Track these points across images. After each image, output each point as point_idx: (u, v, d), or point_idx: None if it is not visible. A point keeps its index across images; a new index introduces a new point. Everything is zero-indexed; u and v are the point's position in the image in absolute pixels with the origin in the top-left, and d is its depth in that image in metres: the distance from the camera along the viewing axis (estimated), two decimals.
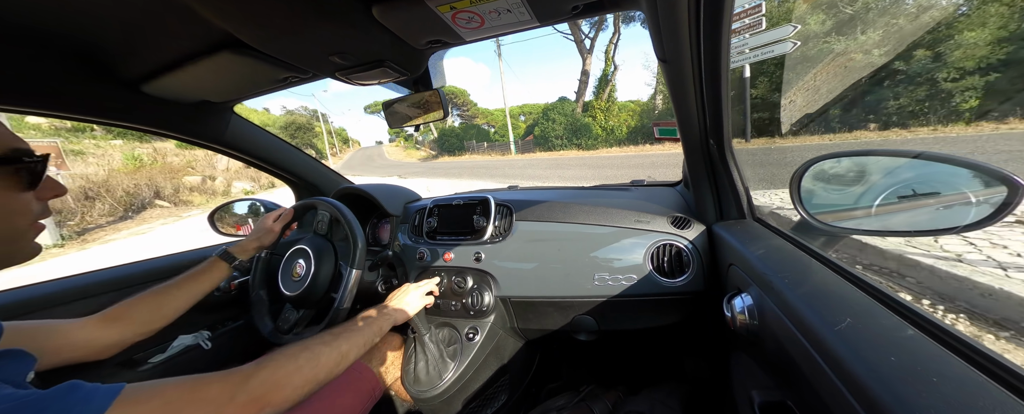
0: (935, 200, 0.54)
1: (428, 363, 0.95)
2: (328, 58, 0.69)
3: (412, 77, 0.83)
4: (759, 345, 0.55)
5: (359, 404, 0.82)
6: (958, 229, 0.51)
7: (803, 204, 0.69)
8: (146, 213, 9.99)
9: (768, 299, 0.52)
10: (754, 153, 6.82)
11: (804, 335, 0.41)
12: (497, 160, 20.35)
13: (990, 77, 7.27)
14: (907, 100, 8.05)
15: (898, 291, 1.87)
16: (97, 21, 0.60)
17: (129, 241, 7.60)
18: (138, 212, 9.98)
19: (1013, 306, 1.55)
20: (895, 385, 0.29)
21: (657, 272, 0.89)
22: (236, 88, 0.90)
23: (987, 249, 2.04)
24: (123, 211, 9.69)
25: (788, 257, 0.60)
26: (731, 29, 0.57)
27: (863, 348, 0.34)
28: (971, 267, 1.85)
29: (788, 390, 0.47)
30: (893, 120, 7.93)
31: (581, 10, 0.62)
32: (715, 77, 0.65)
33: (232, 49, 0.68)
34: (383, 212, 1.23)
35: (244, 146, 1.15)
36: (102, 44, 0.67)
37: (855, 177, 0.68)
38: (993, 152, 4.67)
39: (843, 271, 0.51)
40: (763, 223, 0.81)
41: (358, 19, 0.59)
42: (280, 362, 0.54)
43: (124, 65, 0.75)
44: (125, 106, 0.85)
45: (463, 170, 15.79)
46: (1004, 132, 5.94)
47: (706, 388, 1.14)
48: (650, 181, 1.38)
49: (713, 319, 0.89)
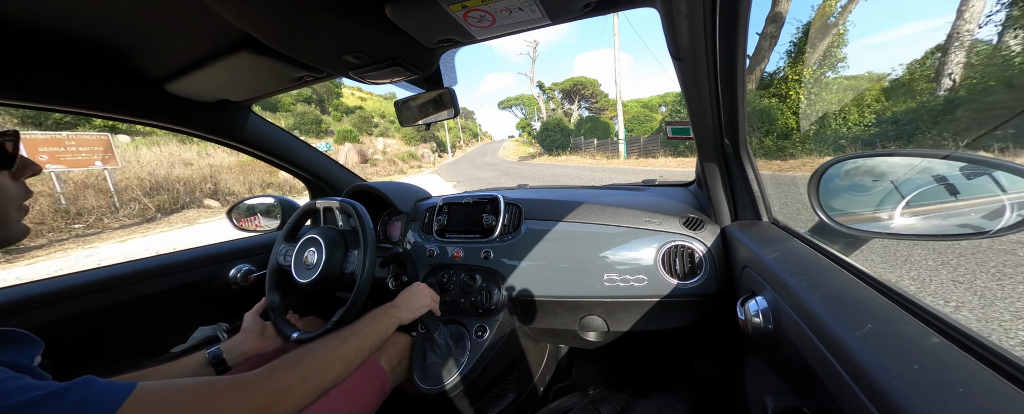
0: (965, 203, 0.52)
1: (437, 360, 0.96)
2: (342, 57, 0.70)
3: (423, 76, 0.84)
4: (773, 349, 0.54)
5: (369, 399, 0.83)
6: (991, 233, 0.48)
7: (822, 206, 0.66)
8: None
9: (784, 303, 0.51)
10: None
11: (822, 340, 0.40)
12: (580, 168, 14.40)
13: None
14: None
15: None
16: (122, 23, 0.63)
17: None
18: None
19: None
20: (919, 394, 0.28)
21: (669, 274, 0.88)
22: (254, 87, 0.92)
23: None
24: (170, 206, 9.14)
25: (806, 260, 0.58)
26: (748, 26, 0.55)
27: (885, 355, 0.33)
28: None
29: (803, 396, 0.46)
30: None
31: (593, 7, 0.62)
32: (731, 75, 0.63)
33: (250, 49, 0.70)
34: (394, 210, 1.25)
35: (261, 144, 1.18)
36: (128, 45, 0.70)
37: (878, 178, 0.65)
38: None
39: (864, 275, 0.49)
40: (779, 225, 0.79)
41: (371, 19, 0.60)
42: (288, 370, 0.54)
43: (149, 65, 0.78)
44: (150, 104, 0.89)
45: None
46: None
47: (716, 392, 1.11)
48: (662, 181, 1.36)
49: (726, 322, 0.87)
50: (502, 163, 23.17)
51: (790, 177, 6.37)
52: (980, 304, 1.95)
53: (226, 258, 1.18)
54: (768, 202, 0.83)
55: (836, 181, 0.67)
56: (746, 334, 0.58)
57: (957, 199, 0.52)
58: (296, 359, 0.57)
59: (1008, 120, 5.32)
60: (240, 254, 1.22)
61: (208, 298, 0.85)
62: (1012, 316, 1.81)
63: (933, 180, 0.55)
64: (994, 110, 6.10)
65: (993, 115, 6.01)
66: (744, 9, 0.51)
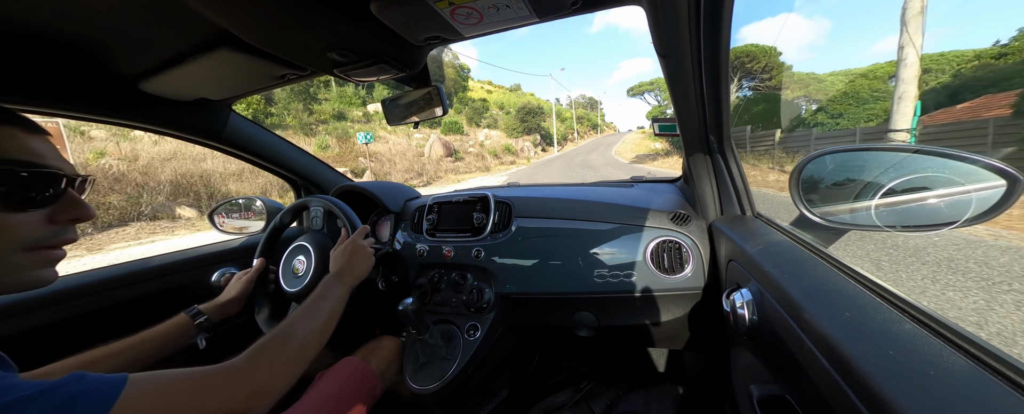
0: (934, 195, 0.54)
1: (428, 360, 0.96)
2: (326, 55, 0.69)
3: (411, 74, 0.83)
4: (758, 340, 0.55)
5: (360, 403, 0.82)
6: (957, 224, 0.51)
7: (802, 199, 0.69)
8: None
9: (767, 294, 0.52)
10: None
11: (802, 329, 0.41)
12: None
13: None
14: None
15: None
16: (93, 18, 0.60)
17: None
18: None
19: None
20: (893, 378, 0.29)
21: (657, 268, 0.89)
22: (234, 85, 0.89)
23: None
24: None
25: (787, 252, 0.60)
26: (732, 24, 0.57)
27: (861, 342, 0.34)
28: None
29: (787, 384, 0.47)
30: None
31: (580, 5, 0.62)
32: (716, 73, 0.65)
33: (230, 46, 0.67)
34: (383, 209, 1.24)
35: (243, 144, 1.14)
36: (99, 42, 0.67)
37: (855, 172, 0.68)
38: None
39: (842, 266, 0.51)
40: (763, 219, 0.81)
41: (357, 15, 0.59)
42: (273, 350, 0.54)
43: (122, 63, 0.74)
44: (123, 104, 0.85)
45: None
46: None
47: (705, 384, 1.14)
48: (650, 177, 1.38)
49: (713, 315, 0.89)
50: (608, 164, 17.65)
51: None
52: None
53: (210, 261, 1.15)
54: (751, 197, 0.85)
55: (815, 176, 0.69)
56: (732, 326, 0.60)
57: (927, 192, 0.55)
58: (277, 338, 0.57)
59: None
60: (224, 257, 1.19)
61: (191, 302, 0.83)
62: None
63: (904, 174, 0.57)
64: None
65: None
66: (727, 8, 0.52)
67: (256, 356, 0.52)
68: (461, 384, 0.94)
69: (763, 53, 21.97)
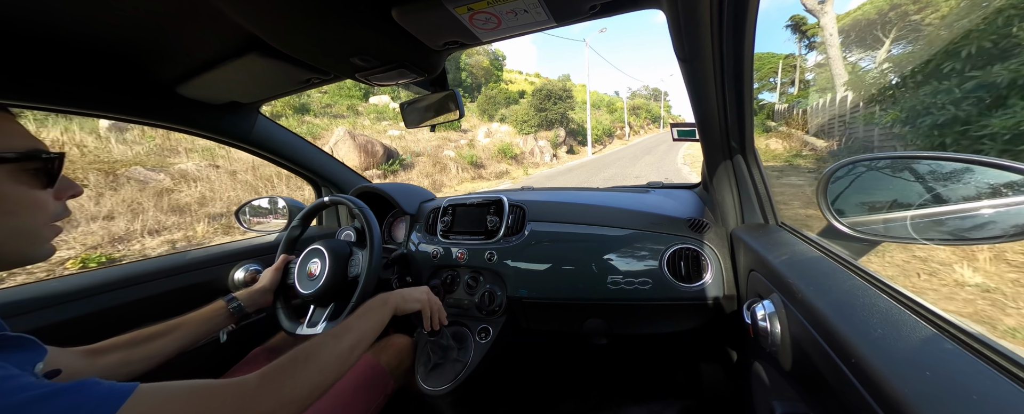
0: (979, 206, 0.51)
1: (440, 361, 0.96)
2: (349, 60, 0.71)
3: (429, 78, 0.85)
4: (780, 354, 0.53)
5: (371, 401, 0.83)
6: (1006, 237, 0.47)
7: (830, 209, 0.65)
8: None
9: (792, 307, 0.50)
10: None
11: (830, 345, 0.39)
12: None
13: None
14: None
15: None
16: (136, 28, 0.64)
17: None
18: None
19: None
20: (932, 402, 0.27)
21: (673, 276, 0.87)
22: (262, 89, 0.94)
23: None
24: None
25: (814, 264, 0.57)
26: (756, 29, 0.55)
27: (895, 361, 0.32)
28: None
29: (812, 402, 0.45)
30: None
31: (598, 9, 0.62)
32: (738, 77, 0.63)
33: (259, 51, 0.71)
34: (399, 211, 1.26)
35: (269, 145, 1.19)
36: (139, 48, 0.71)
37: (890, 181, 0.64)
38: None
39: (874, 279, 0.48)
40: (788, 228, 0.78)
41: (378, 22, 0.61)
42: (286, 374, 0.52)
43: (161, 68, 0.79)
44: (161, 107, 0.90)
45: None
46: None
47: (721, 399, 1.10)
48: (668, 183, 1.35)
49: (731, 326, 0.86)
50: (654, 178, 7.80)
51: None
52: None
53: (231, 258, 1.20)
54: (774, 204, 0.82)
55: (845, 183, 0.66)
56: (752, 338, 0.57)
57: (970, 202, 0.51)
58: (293, 361, 0.55)
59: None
60: (245, 254, 1.24)
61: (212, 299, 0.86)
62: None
63: (949, 184, 0.54)
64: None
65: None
66: (751, 12, 0.51)
67: (268, 378, 0.50)
68: (471, 387, 0.94)
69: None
